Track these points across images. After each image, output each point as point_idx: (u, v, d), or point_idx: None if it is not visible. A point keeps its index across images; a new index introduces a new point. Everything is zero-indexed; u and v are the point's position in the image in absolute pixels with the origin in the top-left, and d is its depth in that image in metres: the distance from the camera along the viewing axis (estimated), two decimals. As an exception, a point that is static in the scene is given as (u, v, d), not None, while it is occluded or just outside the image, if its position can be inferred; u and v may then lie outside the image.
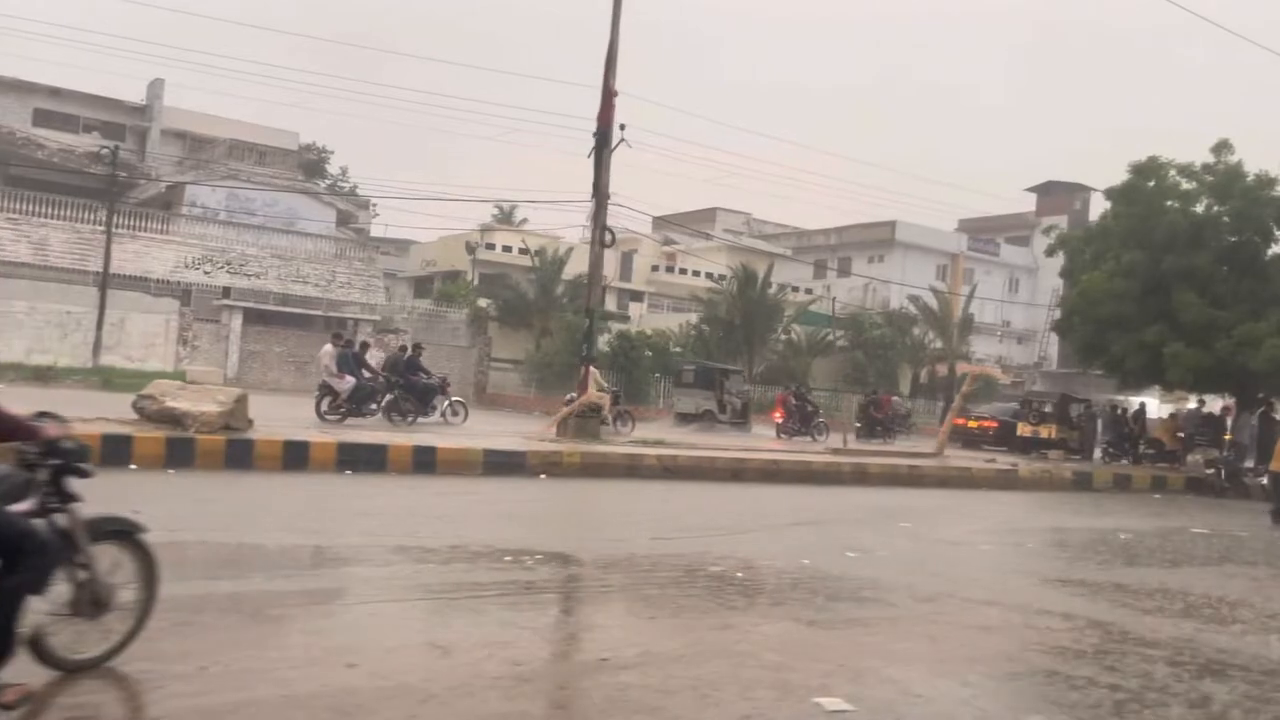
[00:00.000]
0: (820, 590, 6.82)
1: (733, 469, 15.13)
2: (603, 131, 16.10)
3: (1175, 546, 11.07)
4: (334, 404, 17.73)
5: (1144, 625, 6.28)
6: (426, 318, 38.99)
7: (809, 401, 27.90)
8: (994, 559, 9.18)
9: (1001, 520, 12.72)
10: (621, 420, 21.98)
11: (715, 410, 27.77)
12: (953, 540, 10.00)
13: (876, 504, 13.28)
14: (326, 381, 18.19)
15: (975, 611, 6.42)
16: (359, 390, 17.81)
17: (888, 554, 8.69)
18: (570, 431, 16.24)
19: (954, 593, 7.00)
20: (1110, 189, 25.12)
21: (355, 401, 17.76)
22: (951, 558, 8.98)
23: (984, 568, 8.49)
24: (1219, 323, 22.30)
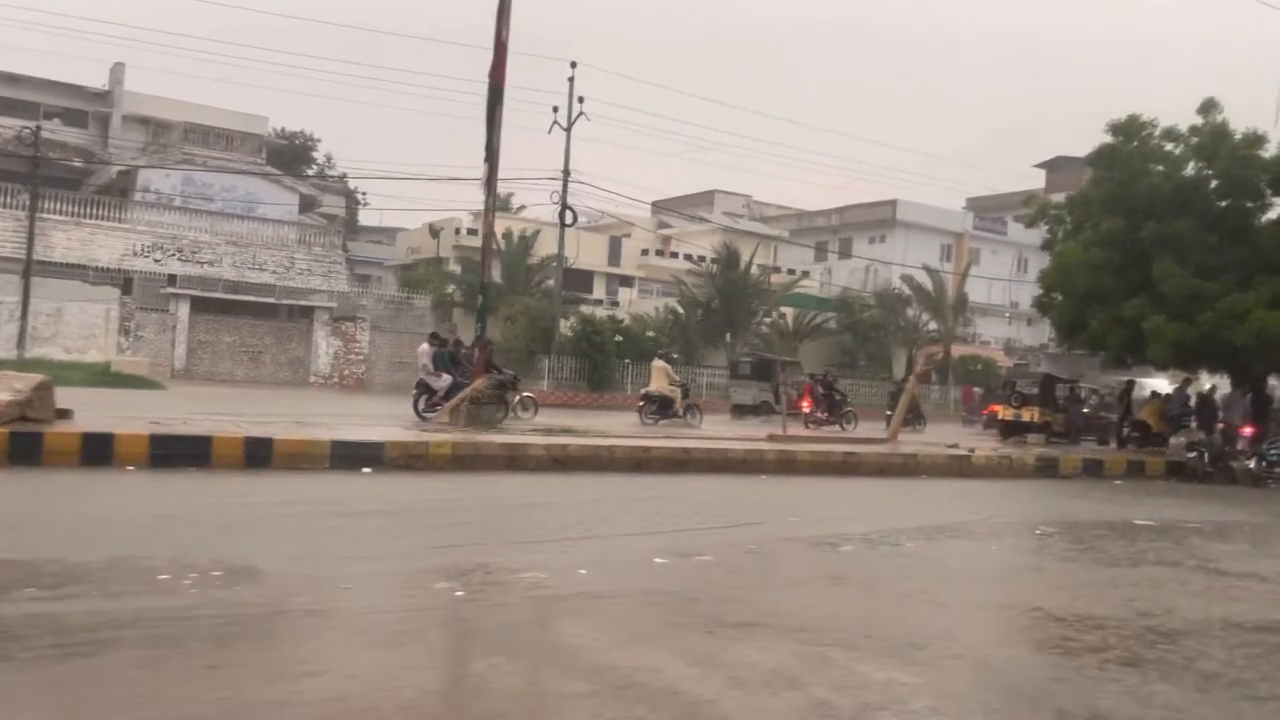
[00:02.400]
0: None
1: (635, 459, 13.69)
2: (495, 88, 14.63)
3: (1091, 542, 9.52)
4: (430, 402, 18.10)
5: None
6: (394, 305, 37.74)
7: (836, 390, 26.96)
8: (807, 563, 7.68)
9: (896, 514, 11.19)
10: (690, 414, 21.86)
11: (772, 401, 27.11)
12: (812, 540, 8.50)
13: (777, 497, 11.81)
14: (424, 379, 18.65)
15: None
16: (455, 388, 17.95)
17: (712, 559, 7.23)
18: (463, 420, 14.86)
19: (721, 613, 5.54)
20: (1091, 153, 23.33)
21: (450, 398, 17.93)
22: (757, 568, 7.49)
23: (756, 576, 7.01)
24: (1203, 294, 20.58)
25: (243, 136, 38.16)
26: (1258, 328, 19.44)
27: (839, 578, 6.91)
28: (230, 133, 38.50)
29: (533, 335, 30.08)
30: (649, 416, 21.15)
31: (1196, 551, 9.12)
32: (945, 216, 60.07)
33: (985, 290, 57.43)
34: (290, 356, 32.52)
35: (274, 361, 32.19)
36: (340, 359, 32.72)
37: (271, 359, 32.18)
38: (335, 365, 32.64)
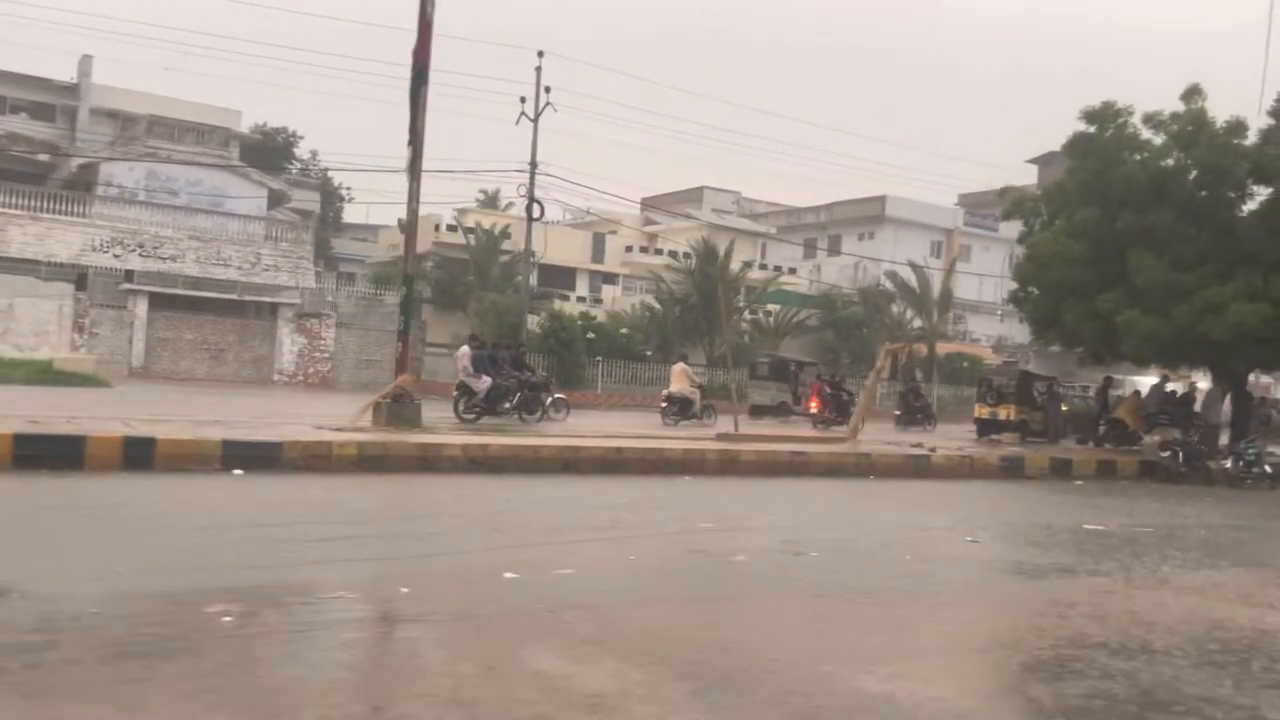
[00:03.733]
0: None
1: (564, 460, 12.93)
2: (419, 69, 13.86)
3: (1019, 550, 8.74)
4: (470, 403, 18.50)
5: None
6: (366, 303, 36.98)
7: (844, 389, 26.68)
8: (682, 577, 6.92)
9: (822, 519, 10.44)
10: (707, 414, 22.18)
11: (790, 402, 27.18)
12: (707, 550, 7.74)
13: (702, 501, 11.05)
14: (464, 381, 18.86)
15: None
16: (495, 390, 18.59)
17: (573, 572, 6.46)
18: (384, 419, 14.09)
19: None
20: (1066, 142, 22.45)
21: (490, 401, 18.58)
22: (622, 584, 6.73)
23: (613, 593, 6.24)
24: (1180, 287, 19.76)
25: (211, 130, 37.40)
26: (1235, 321, 18.63)
27: (706, 595, 6.15)
28: (201, 126, 37.75)
29: (500, 332, 29.27)
30: (670, 417, 21.57)
31: (1133, 560, 8.34)
32: (935, 213, 59.20)
33: (976, 287, 56.55)
34: (254, 354, 31.77)
35: (237, 359, 31.45)
36: (305, 357, 31.98)
37: (234, 357, 31.44)
38: (300, 363, 31.91)
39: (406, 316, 15.68)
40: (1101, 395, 23.99)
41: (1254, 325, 18.52)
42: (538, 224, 54.31)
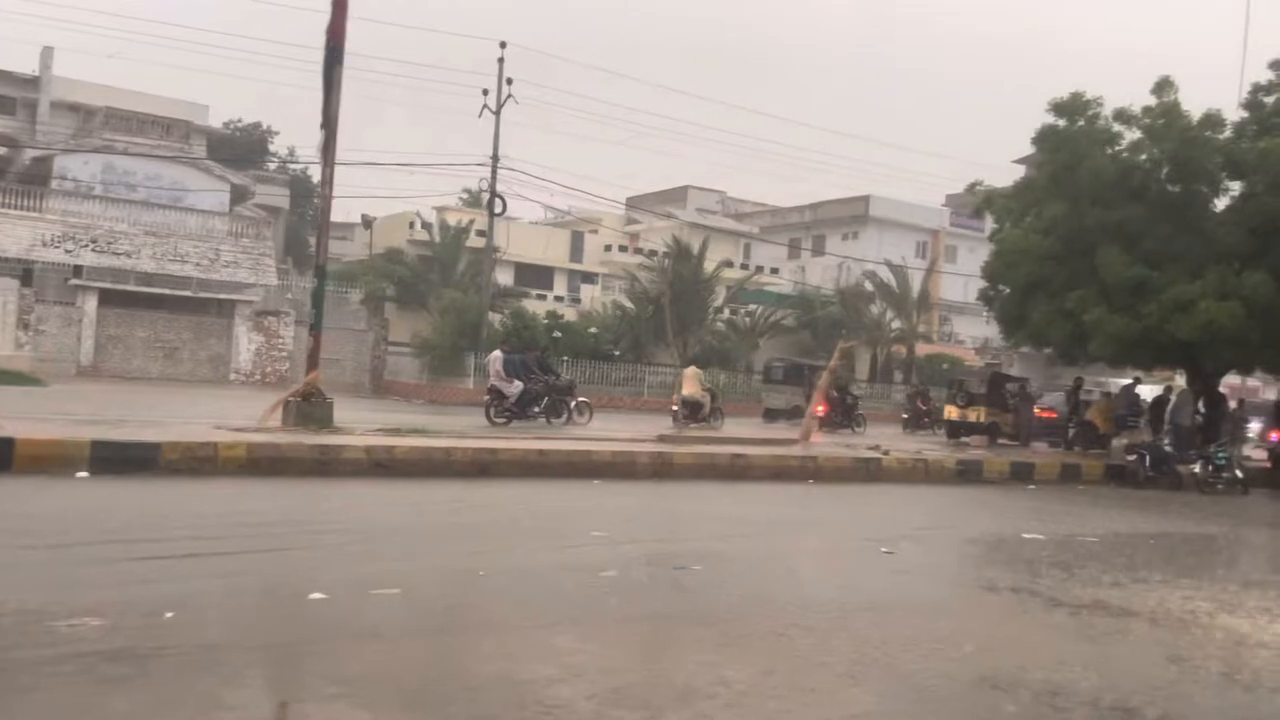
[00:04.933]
0: None
1: (479, 463, 12.15)
2: (334, 47, 13.08)
3: (937, 561, 7.97)
4: (501, 407, 18.79)
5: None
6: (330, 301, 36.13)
7: (849, 393, 26.76)
8: (525, 598, 6.16)
9: (737, 527, 9.65)
10: (715, 417, 22.62)
11: (804, 405, 26.63)
12: (578, 564, 6.96)
13: (609, 507, 10.28)
14: (495, 385, 19.04)
15: None
16: (525, 394, 18.86)
17: (398, 592, 5.68)
18: (293, 418, 13.32)
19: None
20: (1035, 134, 21.65)
21: (521, 405, 18.87)
22: (452, 605, 5.97)
23: (433, 615, 5.48)
24: (1150, 284, 19.04)
25: (173, 124, 36.55)
26: (1204, 320, 17.89)
27: (528, 619, 5.37)
28: (162, 120, 36.91)
29: (460, 331, 28.47)
30: (681, 420, 21.75)
31: (1061, 574, 7.57)
32: (920, 213, 58.44)
33: (962, 288, 55.82)
34: (210, 353, 30.96)
35: (192, 358, 30.63)
36: (263, 355, 31.17)
37: (190, 355, 30.61)
38: (257, 362, 31.09)
39: (318, 310, 14.92)
40: (1071, 397, 23.24)
41: (1224, 324, 17.79)
42: (515, 223, 53.82)
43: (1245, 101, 20.31)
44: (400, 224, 46.18)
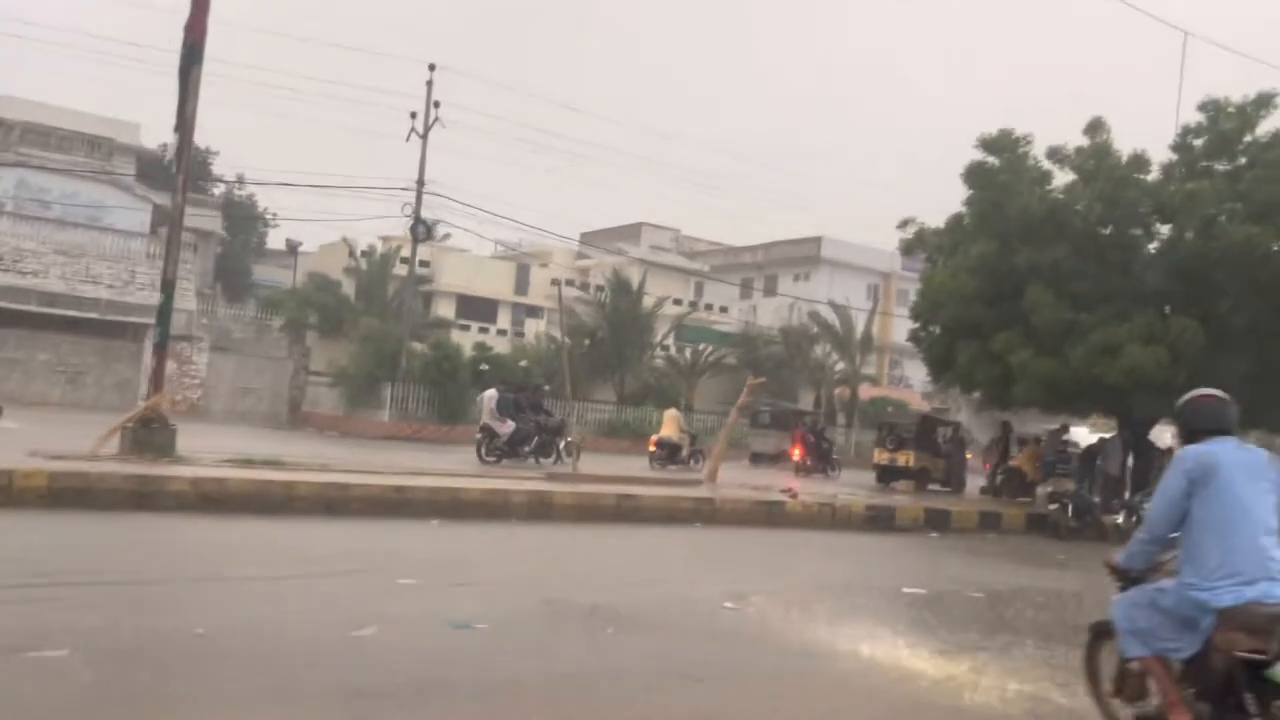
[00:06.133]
0: None
1: (327, 499, 11.08)
2: (192, 46, 12.11)
3: (783, 618, 6.98)
4: (492, 446, 18.82)
5: None
6: (255, 328, 34.91)
7: (825, 438, 26.88)
8: (242, 657, 5.13)
9: (577, 577, 8.66)
10: (695, 459, 22.44)
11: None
12: (352, 617, 5.92)
13: (442, 551, 9.25)
14: (488, 424, 19.11)
15: None
16: (517, 433, 18.90)
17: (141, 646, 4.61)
18: (129, 445, 12.18)
19: None
20: (963, 170, 21.02)
21: (513, 444, 18.92)
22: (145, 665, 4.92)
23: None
24: (1077, 327, 18.38)
25: (93, 141, 35.29)
26: (1129, 365, 17.22)
27: (226, 695, 4.32)
28: (90, 137, 35.65)
29: (378, 361, 27.31)
30: (658, 462, 21.60)
31: (900, 633, 6.63)
32: (872, 255, 58.09)
33: (913, 331, 55.46)
34: (118, 378, 29.51)
35: (97, 384, 29.16)
36: (173, 383, 29.67)
37: (95, 380, 29.16)
38: (168, 389, 29.55)
39: (163, 328, 13.89)
40: (1001, 442, 22.51)
41: (1149, 370, 17.11)
42: (463, 254, 52.87)
43: (1174, 144, 19.86)
44: (342, 251, 45.06)
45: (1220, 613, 3.92)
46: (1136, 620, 4.29)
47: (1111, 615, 4.53)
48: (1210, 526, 4.06)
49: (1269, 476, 4.21)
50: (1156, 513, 4.28)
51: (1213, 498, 4.08)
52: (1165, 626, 4.16)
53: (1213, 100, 19.46)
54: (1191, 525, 4.13)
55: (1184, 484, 4.14)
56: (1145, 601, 4.28)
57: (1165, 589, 4.23)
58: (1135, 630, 4.30)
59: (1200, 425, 4.36)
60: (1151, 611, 4.23)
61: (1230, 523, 4.05)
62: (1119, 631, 4.44)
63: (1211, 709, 4.00)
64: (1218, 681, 3.96)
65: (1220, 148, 19.23)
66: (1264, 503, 4.13)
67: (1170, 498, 4.18)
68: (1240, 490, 4.10)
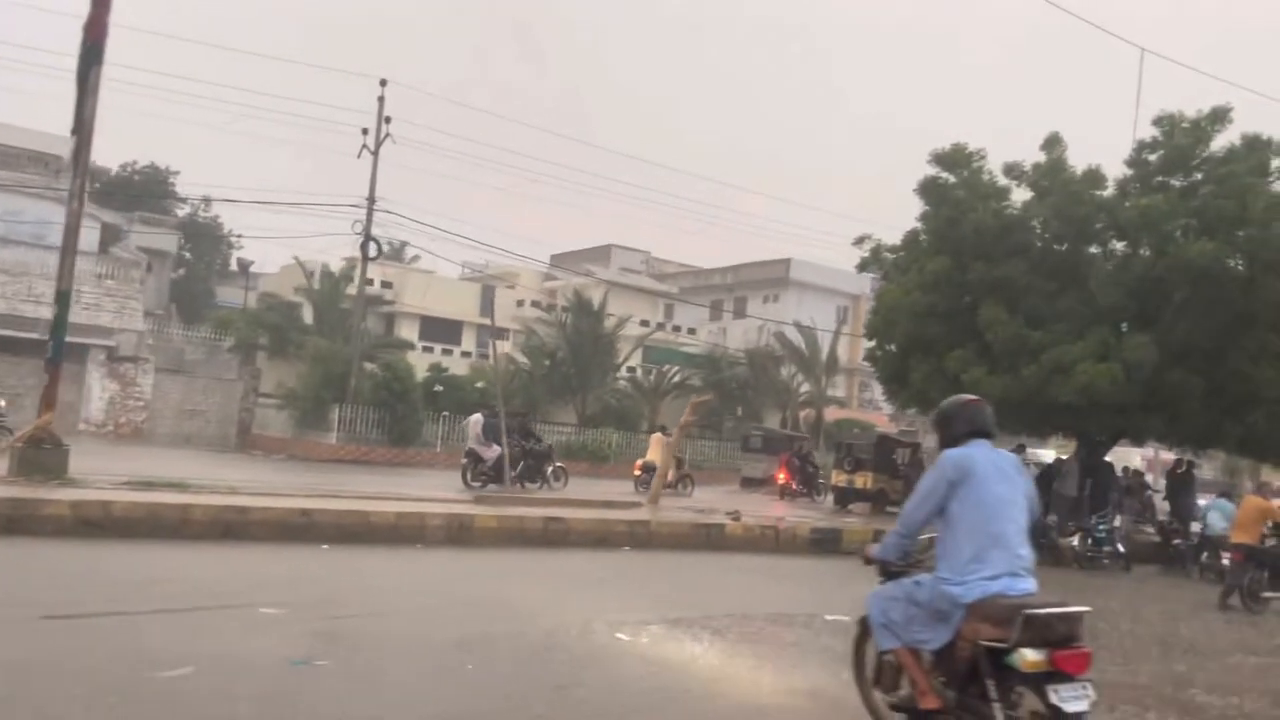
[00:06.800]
0: None
1: (223, 523, 10.42)
2: (92, 45, 11.51)
3: (663, 648, 6.38)
4: (478, 471, 18.89)
5: None
6: (207, 348, 34.10)
7: (810, 462, 26.66)
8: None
9: (450, 602, 8.03)
10: (684, 484, 22.51)
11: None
12: (155, 656, 5.27)
13: (338, 574, 8.59)
14: (474, 449, 19.16)
15: None
16: (502, 458, 18.74)
17: None
18: (16, 467, 11.49)
19: None
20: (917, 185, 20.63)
21: (497, 469, 18.78)
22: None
23: None
24: (1032, 344, 17.94)
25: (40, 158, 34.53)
26: (1083, 383, 16.78)
27: None
28: (36, 154, 34.89)
29: (326, 382, 26.57)
30: (643, 486, 21.27)
31: (803, 662, 6.04)
32: (841, 277, 57.77)
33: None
34: (59, 401, 28.56)
35: (37, 405, 28.18)
36: (116, 405, 28.89)
37: (33, 403, 28.10)
38: (110, 412, 28.79)
39: (56, 343, 13.20)
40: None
41: (1103, 388, 16.68)
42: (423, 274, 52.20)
43: (1129, 159, 19.54)
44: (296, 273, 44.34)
45: (969, 606, 4.17)
46: (890, 613, 4.54)
47: (867, 610, 4.72)
48: (964, 524, 4.29)
49: (1019, 478, 4.48)
50: (912, 508, 4.52)
51: (968, 497, 4.30)
52: (919, 619, 4.39)
53: (1168, 115, 19.17)
54: (948, 523, 4.35)
55: (943, 486, 4.37)
56: (900, 595, 4.52)
57: (922, 582, 4.45)
58: (888, 624, 4.54)
59: (963, 429, 4.56)
60: (907, 604, 4.46)
61: (982, 521, 4.27)
62: (873, 626, 4.67)
63: (957, 696, 4.24)
64: (964, 669, 4.22)
65: (1175, 163, 18.92)
66: (1014, 502, 4.38)
67: (927, 496, 4.42)
68: (993, 491, 4.32)
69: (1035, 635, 4.01)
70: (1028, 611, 4.04)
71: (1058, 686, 3.98)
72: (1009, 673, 4.07)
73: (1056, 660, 4.01)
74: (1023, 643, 4.00)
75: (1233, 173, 17.85)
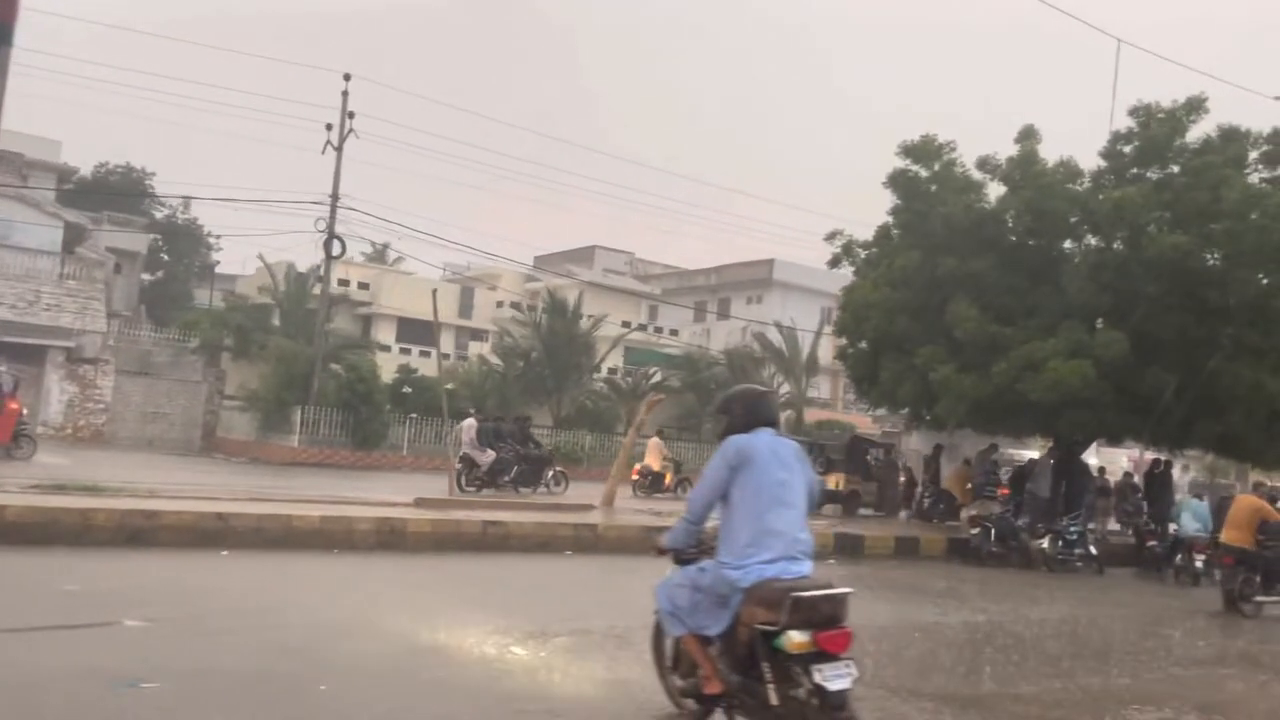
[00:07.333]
0: None
1: (132, 528, 9.83)
2: (2, 24, 10.93)
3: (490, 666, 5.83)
4: (472, 476, 18.90)
5: None
6: (175, 350, 33.44)
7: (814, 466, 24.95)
8: None
9: (335, 611, 7.46)
10: (682, 487, 22.27)
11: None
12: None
13: (218, 582, 8.01)
14: (468, 454, 19.16)
15: None
16: (497, 463, 18.99)
17: None
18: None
19: None
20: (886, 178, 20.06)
21: (492, 474, 18.96)
22: None
23: None
24: (1001, 341, 17.41)
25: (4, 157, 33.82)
26: (1053, 380, 16.22)
27: None
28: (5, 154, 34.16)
29: (288, 383, 25.95)
30: (641, 490, 21.45)
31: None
32: (825, 278, 57.31)
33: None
34: (16, 403, 27.93)
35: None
36: (75, 407, 28.22)
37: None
38: (69, 414, 28.10)
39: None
40: (931, 464, 21.52)
41: (1074, 385, 16.12)
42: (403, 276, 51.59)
43: (1104, 150, 19.03)
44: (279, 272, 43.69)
45: (746, 591, 4.23)
46: (676, 600, 4.58)
47: (656, 599, 4.74)
48: (744, 509, 4.35)
49: (799, 465, 4.53)
50: (698, 495, 4.56)
51: (747, 483, 4.36)
52: (703, 605, 4.44)
53: (1144, 105, 18.64)
54: (729, 508, 4.41)
55: (725, 471, 4.42)
56: (686, 582, 4.56)
57: (705, 568, 4.48)
58: (675, 611, 4.58)
59: (750, 418, 4.60)
60: (691, 591, 4.50)
61: (761, 506, 4.33)
62: (661, 614, 4.73)
63: (741, 679, 4.30)
64: (744, 653, 4.28)
65: (1151, 154, 18.41)
66: (794, 487, 4.44)
67: (712, 483, 4.47)
68: (772, 476, 4.38)
69: (802, 617, 4.08)
70: (795, 594, 4.10)
71: (822, 666, 4.05)
72: (780, 654, 4.11)
73: (820, 641, 4.07)
74: (791, 625, 4.07)
75: (1209, 164, 17.36)
